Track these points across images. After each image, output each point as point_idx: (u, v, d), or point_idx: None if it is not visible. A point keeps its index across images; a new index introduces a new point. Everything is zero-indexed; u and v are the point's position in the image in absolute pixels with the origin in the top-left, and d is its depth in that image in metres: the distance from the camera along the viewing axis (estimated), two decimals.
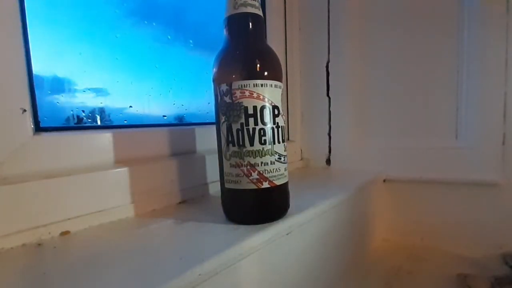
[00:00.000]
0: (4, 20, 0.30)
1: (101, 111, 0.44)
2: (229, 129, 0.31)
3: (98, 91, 0.43)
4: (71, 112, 0.41)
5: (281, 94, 0.32)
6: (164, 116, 0.51)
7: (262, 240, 0.30)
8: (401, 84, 0.61)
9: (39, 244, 0.29)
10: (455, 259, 0.53)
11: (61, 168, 0.33)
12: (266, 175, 0.31)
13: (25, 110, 0.31)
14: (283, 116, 0.33)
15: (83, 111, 0.42)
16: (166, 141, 0.44)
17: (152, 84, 0.49)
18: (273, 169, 0.31)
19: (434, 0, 0.57)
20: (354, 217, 0.51)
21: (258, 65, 0.31)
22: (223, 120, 0.31)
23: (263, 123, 0.31)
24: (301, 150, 0.73)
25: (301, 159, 0.73)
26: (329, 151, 0.69)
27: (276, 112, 0.31)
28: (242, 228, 0.31)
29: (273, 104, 0.31)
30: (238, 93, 0.30)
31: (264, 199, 0.32)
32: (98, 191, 0.34)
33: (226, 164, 0.32)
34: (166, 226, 0.33)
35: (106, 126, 0.44)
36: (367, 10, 0.63)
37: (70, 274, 0.24)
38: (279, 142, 0.32)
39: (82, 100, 0.41)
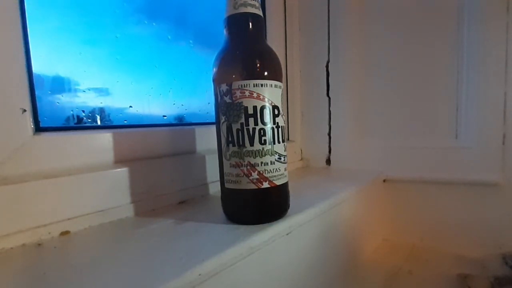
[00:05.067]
0: (4, 20, 0.30)
1: (101, 111, 0.44)
2: (229, 129, 0.31)
3: (99, 91, 0.43)
4: (71, 112, 0.41)
5: (281, 94, 0.32)
6: (164, 116, 0.51)
7: (262, 240, 0.30)
8: (401, 84, 0.61)
9: (39, 244, 0.29)
10: (455, 259, 0.53)
11: (61, 168, 0.33)
12: (266, 175, 0.31)
13: (25, 110, 0.31)
14: (283, 116, 0.33)
15: (83, 111, 0.42)
16: (166, 141, 0.44)
17: (152, 84, 0.49)
18: (273, 169, 0.31)
19: (434, 0, 0.57)
20: (354, 217, 0.51)
21: (258, 65, 0.31)
22: (223, 120, 0.31)
23: (263, 123, 0.31)
24: (301, 150, 0.73)
25: (301, 159, 0.73)
26: (329, 151, 0.69)
27: (276, 112, 0.31)
28: (242, 228, 0.31)
29: (273, 104, 0.31)
30: (238, 93, 0.30)
31: (264, 199, 0.32)
32: (98, 191, 0.34)
33: (226, 164, 0.32)
34: (166, 226, 0.33)
35: (106, 126, 0.44)
36: (367, 10, 0.63)
37: (70, 274, 0.24)
38: (279, 142, 0.32)
39: (83, 100, 0.41)
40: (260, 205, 0.32)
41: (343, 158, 0.68)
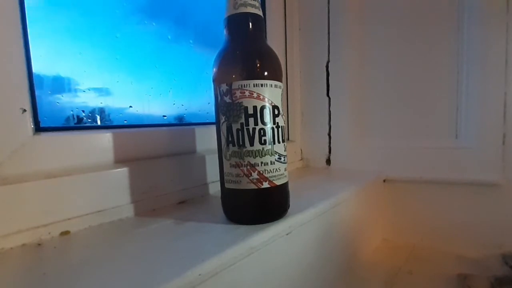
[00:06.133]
0: (4, 20, 0.30)
1: (101, 111, 0.44)
2: (229, 129, 0.31)
3: (99, 91, 0.43)
4: (71, 112, 0.41)
5: (281, 94, 0.32)
6: (164, 116, 0.51)
7: (262, 240, 0.30)
8: (401, 84, 0.61)
9: (39, 244, 0.29)
10: (455, 259, 0.53)
11: (61, 168, 0.33)
12: (266, 175, 0.31)
13: (25, 110, 0.31)
14: (283, 116, 0.33)
15: (83, 111, 0.42)
16: (166, 141, 0.44)
17: (152, 84, 0.49)
18: (273, 169, 0.31)
19: (433, 0, 0.57)
20: (354, 217, 0.51)
21: (258, 65, 0.31)
22: (223, 120, 0.31)
23: (263, 123, 0.31)
24: (301, 150, 0.73)
25: (301, 159, 0.73)
26: (329, 151, 0.69)
27: (276, 112, 0.31)
28: (242, 228, 0.31)
29: (273, 104, 0.31)
30: (238, 93, 0.30)
31: (264, 199, 0.32)
32: (98, 191, 0.34)
33: (226, 164, 0.32)
34: (166, 226, 0.33)
35: (106, 126, 0.44)
36: (367, 10, 0.63)
37: (70, 274, 0.24)
38: (279, 142, 0.32)
39: (83, 100, 0.41)
40: (260, 205, 0.32)
41: (343, 158, 0.68)
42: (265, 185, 0.31)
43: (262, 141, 0.31)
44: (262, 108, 0.30)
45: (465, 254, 0.54)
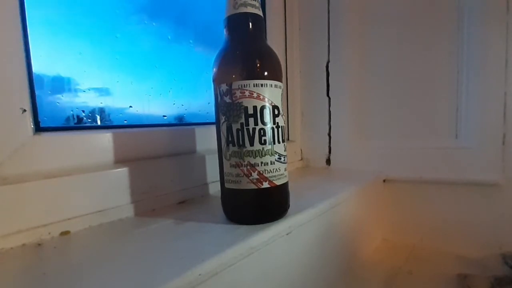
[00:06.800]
0: (4, 19, 0.30)
1: (101, 111, 0.44)
2: (229, 129, 0.31)
3: (99, 91, 0.43)
4: (71, 112, 0.41)
5: (281, 94, 0.32)
6: (164, 116, 0.51)
7: (262, 240, 0.30)
8: (401, 84, 0.61)
9: (39, 244, 0.29)
10: (455, 259, 0.53)
11: (61, 168, 0.33)
12: (266, 175, 0.31)
13: (25, 110, 0.31)
14: (283, 116, 0.33)
15: (83, 111, 0.42)
16: (166, 141, 0.44)
17: (152, 84, 0.49)
18: (273, 169, 0.31)
19: (434, 0, 0.57)
20: (354, 217, 0.51)
21: (258, 65, 0.31)
22: (223, 120, 0.31)
23: (263, 123, 0.31)
24: (301, 150, 0.73)
25: (301, 159, 0.73)
26: (329, 151, 0.69)
27: (276, 112, 0.31)
28: (242, 228, 0.31)
29: (273, 104, 0.31)
30: (238, 93, 0.30)
31: (264, 199, 0.32)
32: (98, 191, 0.34)
33: (226, 164, 0.32)
34: (166, 226, 0.33)
35: (106, 126, 0.44)
36: (367, 10, 0.63)
37: (70, 274, 0.24)
38: (279, 142, 0.32)
39: (83, 100, 0.41)
40: (260, 205, 0.32)
41: (343, 158, 0.68)
42: (265, 185, 0.31)
43: (262, 141, 0.31)
44: (262, 108, 0.30)
45: (465, 254, 0.54)
